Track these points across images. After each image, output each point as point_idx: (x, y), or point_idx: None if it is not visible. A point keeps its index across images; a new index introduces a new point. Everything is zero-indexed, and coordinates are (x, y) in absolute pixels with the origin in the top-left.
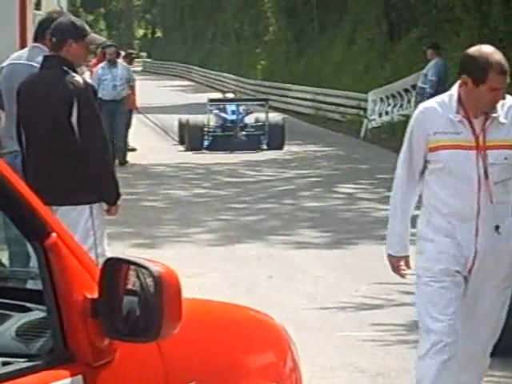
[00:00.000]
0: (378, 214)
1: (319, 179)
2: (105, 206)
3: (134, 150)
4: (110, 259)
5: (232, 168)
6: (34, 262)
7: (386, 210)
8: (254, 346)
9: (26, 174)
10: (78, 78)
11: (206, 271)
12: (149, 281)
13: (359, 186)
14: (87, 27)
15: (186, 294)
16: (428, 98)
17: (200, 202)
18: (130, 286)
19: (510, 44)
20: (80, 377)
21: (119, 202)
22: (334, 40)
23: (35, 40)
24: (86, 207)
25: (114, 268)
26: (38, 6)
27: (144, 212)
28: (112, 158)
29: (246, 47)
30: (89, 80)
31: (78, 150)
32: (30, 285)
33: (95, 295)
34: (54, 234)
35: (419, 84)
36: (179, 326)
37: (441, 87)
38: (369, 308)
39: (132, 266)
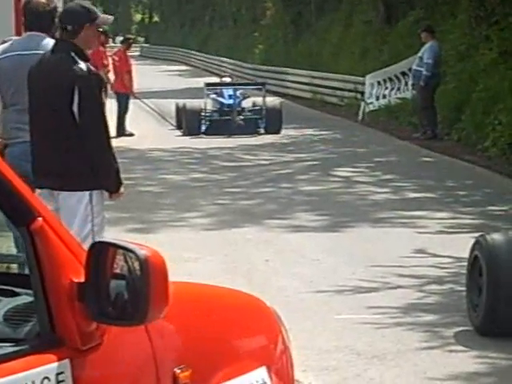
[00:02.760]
0: (375, 197)
1: (316, 163)
2: (106, 193)
3: (131, 135)
4: (96, 243)
5: (229, 152)
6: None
7: (382, 192)
8: (245, 329)
9: (33, 158)
10: (81, 64)
11: (203, 255)
12: (136, 265)
13: (356, 170)
14: (95, 9)
15: (184, 278)
16: (424, 81)
17: (197, 187)
18: (118, 270)
19: (506, 26)
20: (67, 361)
21: (122, 190)
22: (331, 23)
23: (32, 29)
24: (86, 194)
25: (101, 252)
26: None
27: (141, 197)
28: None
29: (243, 31)
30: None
31: (79, 136)
32: (18, 269)
33: (82, 279)
34: (39, 219)
35: (414, 67)
36: (166, 310)
37: (436, 69)
38: (365, 291)
39: (120, 250)
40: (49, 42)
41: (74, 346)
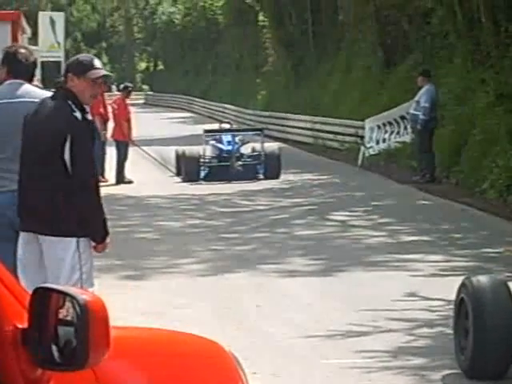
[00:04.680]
0: (370, 240)
1: (314, 207)
2: (92, 242)
3: (130, 182)
4: (38, 288)
5: (227, 198)
6: None
7: (377, 236)
8: (203, 376)
9: (19, 201)
10: (77, 113)
11: (194, 301)
12: (77, 309)
13: (353, 214)
14: (96, 63)
15: (172, 324)
16: (421, 125)
17: (193, 233)
18: (68, 318)
19: (501, 69)
20: None
21: (108, 240)
22: (331, 69)
23: (18, 78)
24: (73, 241)
25: (44, 297)
26: (32, 40)
27: (136, 244)
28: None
29: (245, 78)
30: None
31: (68, 184)
32: None
33: (26, 325)
34: None
35: (411, 111)
36: (107, 354)
37: (433, 113)
38: (355, 335)
39: (64, 296)
40: (31, 89)
41: None
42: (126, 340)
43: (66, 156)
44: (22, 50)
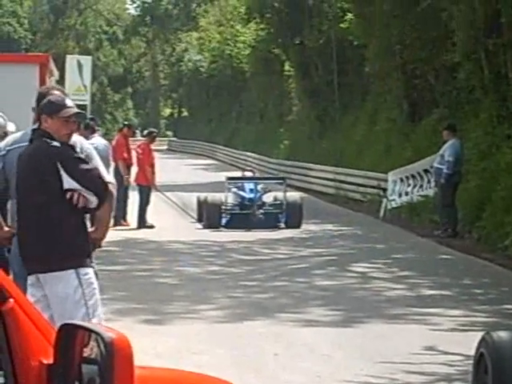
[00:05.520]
0: (391, 293)
1: (334, 258)
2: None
3: (152, 227)
4: (64, 325)
5: (247, 246)
6: None
7: (398, 289)
8: None
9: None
10: (54, 143)
11: (212, 348)
12: (102, 347)
13: (373, 266)
14: (68, 103)
15: (190, 370)
16: (445, 179)
17: (212, 279)
18: (92, 356)
19: None
20: None
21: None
22: (355, 121)
23: None
24: (73, 276)
25: (70, 334)
26: (59, 83)
27: (156, 288)
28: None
29: (269, 127)
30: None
31: (60, 215)
32: None
33: (51, 361)
34: (11, 300)
35: (435, 164)
36: None
37: (457, 167)
38: None
39: (89, 334)
40: None
41: None
42: (150, 380)
43: (67, 184)
44: (56, 92)
